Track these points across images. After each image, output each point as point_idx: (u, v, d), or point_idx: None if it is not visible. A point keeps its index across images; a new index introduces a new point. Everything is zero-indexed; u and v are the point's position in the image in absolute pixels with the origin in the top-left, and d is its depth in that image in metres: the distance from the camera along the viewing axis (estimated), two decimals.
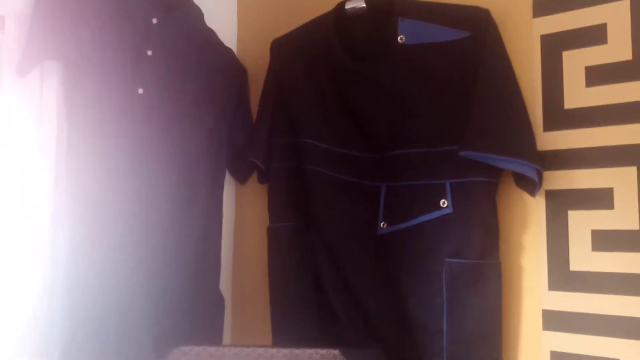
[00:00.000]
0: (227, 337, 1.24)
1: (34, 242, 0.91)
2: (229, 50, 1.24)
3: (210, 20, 1.20)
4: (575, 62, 0.92)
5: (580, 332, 0.89)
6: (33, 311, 0.89)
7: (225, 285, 1.24)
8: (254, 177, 1.27)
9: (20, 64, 0.88)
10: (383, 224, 1.05)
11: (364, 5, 1.08)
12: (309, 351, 0.97)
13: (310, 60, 1.13)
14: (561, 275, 0.92)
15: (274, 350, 0.98)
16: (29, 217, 0.90)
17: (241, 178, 1.28)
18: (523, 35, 0.98)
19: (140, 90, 1.03)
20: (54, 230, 0.93)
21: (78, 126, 0.95)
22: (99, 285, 0.93)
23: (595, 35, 0.91)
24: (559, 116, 0.93)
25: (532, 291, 0.95)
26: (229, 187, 1.29)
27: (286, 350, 0.97)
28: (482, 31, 0.96)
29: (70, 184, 0.94)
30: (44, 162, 0.94)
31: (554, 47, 0.94)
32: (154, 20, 1.05)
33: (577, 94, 0.92)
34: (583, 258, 0.90)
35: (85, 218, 0.93)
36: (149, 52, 1.04)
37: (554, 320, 0.92)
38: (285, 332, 1.10)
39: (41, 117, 0.94)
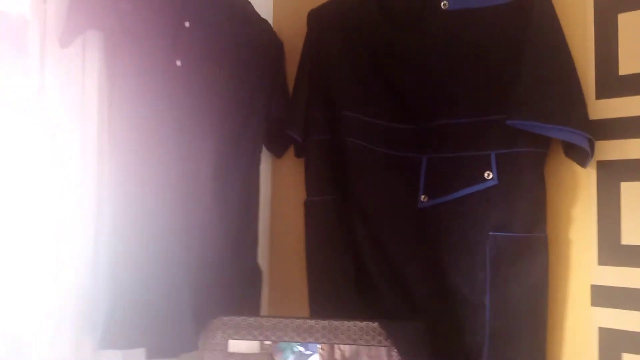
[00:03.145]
0: (264, 310, 1.25)
1: (78, 213, 0.92)
2: (265, 22, 1.22)
3: None
4: (631, 24, 0.87)
5: (631, 308, 0.86)
6: (76, 283, 0.91)
7: (262, 258, 1.24)
8: (290, 151, 1.26)
9: (62, 34, 0.88)
10: (424, 197, 1.02)
11: None
12: (348, 323, 0.96)
13: (348, 31, 1.10)
14: (612, 250, 0.88)
15: (312, 322, 0.98)
16: (74, 186, 0.91)
17: (278, 152, 1.27)
18: None
19: (179, 62, 1.02)
20: (97, 199, 0.94)
21: (120, 97, 0.95)
22: (141, 257, 0.94)
23: None
24: (613, 82, 0.89)
25: (581, 266, 0.92)
26: (266, 161, 1.28)
27: (325, 322, 0.97)
28: None
29: (112, 155, 0.94)
30: (87, 134, 0.94)
31: (608, 8, 0.89)
32: None
33: (633, 59, 0.87)
34: (636, 231, 0.86)
35: (127, 190, 0.94)
36: (187, 24, 1.04)
37: (603, 296, 0.89)
38: (322, 306, 1.10)
39: (84, 88, 0.94)
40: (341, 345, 0.96)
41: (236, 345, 0.98)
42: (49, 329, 0.87)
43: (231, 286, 1.08)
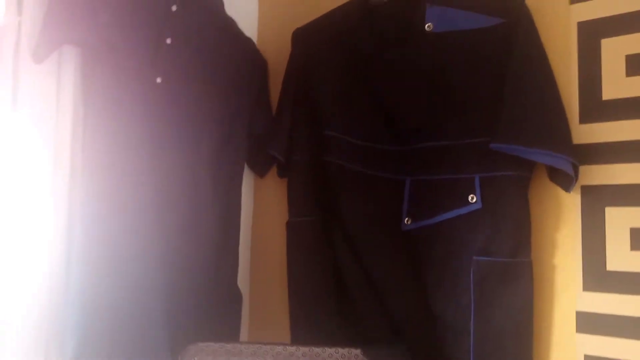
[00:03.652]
0: (244, 334, 1.21)
1: (49, 235, 0.89)
2: (249, 40, 1.21)
3: (230, 9, 1.17)
4: (614, 50, 0.88)
5: (617, 335, 0.85)
6: (48, 306, 0.87)
7: (243, 280, 1.21)
8: (273, 171, 1.24)
9: (36, 48, 0.85)
10: (407, 220, 1.01)
11: None
12: (329, 350, 0.93)
13: (334, 50, 1.09)
14: (597, 276, 0.87)
15: (292, 349, 0.94)
16: (45, 208, 0.88)
17: (260, 171, 1.25)
18: (559, 22, 0.93)
19: (159, 80, 1.00)
20: (69, 222, 0.91)
21: (95, 114, 0.93)
22: (114, 280, 0.91)
23: (637, 21, 0.86)
24: (597, 107, 0.89)
25: (566, 292, 0.90)
26: (248, 180, 1.26)
27: (305, 349, 0.94)
28: (515, 18, 0.92)
29: (86, 174, 0.92)
30: (61, 152, 0.92)
31: (592, 34, 0.90)
32: (174, 8, 1.03)
33: (616, 83, 0.87)
34: (621, 257, 0.85)
35: (101, 211, 0.91)
36: (168, 41, 1.02)
37: (589, 323, 0.87)
38: (304, 329, 1.07)
39: (58, 105, 0.92)
40: None
41: None
42: (19, 343, 0.83)
43: (209, 310, 1.05)
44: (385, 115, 1.04)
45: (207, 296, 1.05)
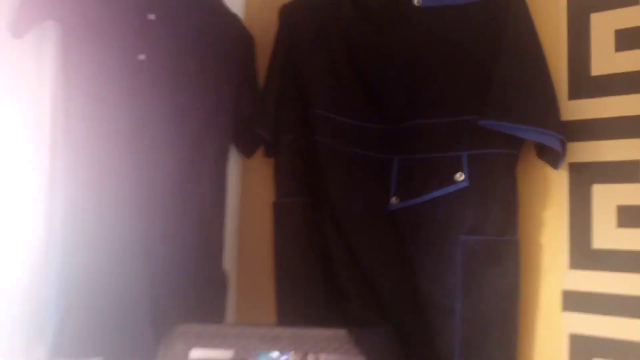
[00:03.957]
0: (232, 316, 1.20)
1: (29, 215, 0.87)
2: (235, 16, 1.18)
3: None
4: (604, 24, 0.86)
5: (602, 313, 0.84)
6: (26, 289, 0.86)
7: (230, 263, 1.20)
8: (260, 151, 1.22)
9: (15, 23, 0.83)
10: (395, 199, 1.00)
11: None
12: (314, 331, 0.93)
13: (321, 27, 1.07)
14: (583, 254, 0.87)
15: (278, 330, 0.94)
16: (24, 188, 0.86)
17: (248, 151, 1.23)
18: None
19: (142, 57, 0.98)
20: (49, 202, 0.89)
21: (76, 92, 0.91)
22: (95, 262, 0.89)
23: None
24: (586, 83, 0.87)
25: (552, 270, 0.90)
26: (235, 161, 1.24)
27: (291, 330, 0.93)
28: None
29: (66, 153, 0.90)
30: (41, 130, 0.90)
31: (581, 8, 0.88)
32: None
33: (605, 59, 0.86)
34: (607, 235, 0.85)
35: (81, 191, 0.89)
36: (151, 17, 1.00)
37: (575, 301, 0.87)
38: (290, 311, 1.06)
39: (39, 82, 0.90)
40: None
41: (204, 351, 0.94)
42: None
43: (194, 292, 1.03)
44: (372, 93, 1.02)
45: (191, 279, 1.04)
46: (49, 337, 0.85)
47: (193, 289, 1.03)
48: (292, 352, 0.92)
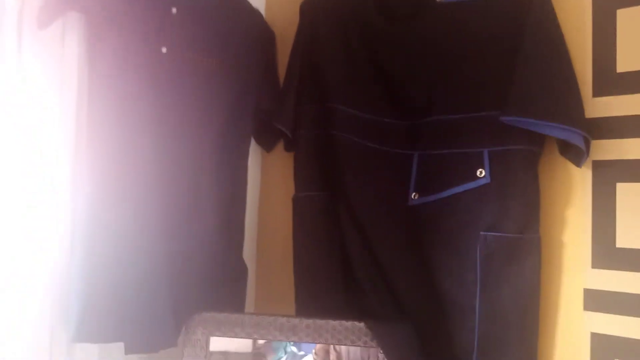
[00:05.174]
0: (250, 307, 1.21)
1: (54, 206, 0.89)
2: (256, 12, 1.19)
3: None
4: (630, 20, 0.85)
5: (625, 313, 0.83)
6: (51, 274, 0.88)
7: (249, 254, 1.21)
8: (280, 145, 1.23)
9: (40, 14, 0.85)
10: (414, 195, 0.99)
11: None
12: (333, 323, 0.93)
13: (341, 22, 1.07)
14: (606, 252, 0.85)
15: (296, 320, 0.95)
16: (49, 175, 0.88)
17: (268, 145, 1.24)
18: None
19: (164, 49, 0.99)
20: (73, 192, 0.91)
21: (100, 84, 0.92)
22: (118, 251, 0.91)
23: None
24: (611, 80, 0.86)
25: (574, 269, 0.89)
26: (255, 155, 1.25)
27: (309, 321, 0.94)
28: None
29: (90, 144, 0.91)
30: (65, 121, 0.91)
31: (607, 4, 0.87)
32: None
33: (631, 56, 0.84)
34: (631, 234, 0.84)
35: (105, 182, 0.91)
36: (174, 10, 1.01)
37: (597, 300, 0.86)
38: (308, 303, 1.07)
39: (62, 73, 0.91)
40: (336, 347, 0.93)
41: (224, 344, 0.95)
42: (25, 323, 0.84)
43: (214, 282, 1.05)
44: (392, 89, 1.02)
45: (212, 270, 1.05)
46: (73, 323, 0.87)
47: (213, 278, 1.04)
48: (315, 346, 0.93)
